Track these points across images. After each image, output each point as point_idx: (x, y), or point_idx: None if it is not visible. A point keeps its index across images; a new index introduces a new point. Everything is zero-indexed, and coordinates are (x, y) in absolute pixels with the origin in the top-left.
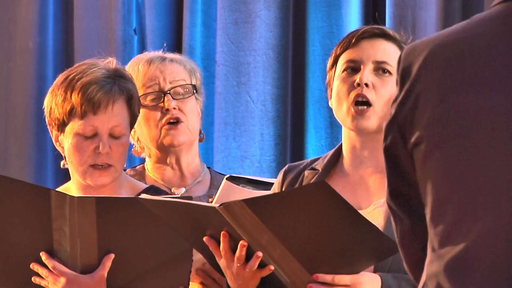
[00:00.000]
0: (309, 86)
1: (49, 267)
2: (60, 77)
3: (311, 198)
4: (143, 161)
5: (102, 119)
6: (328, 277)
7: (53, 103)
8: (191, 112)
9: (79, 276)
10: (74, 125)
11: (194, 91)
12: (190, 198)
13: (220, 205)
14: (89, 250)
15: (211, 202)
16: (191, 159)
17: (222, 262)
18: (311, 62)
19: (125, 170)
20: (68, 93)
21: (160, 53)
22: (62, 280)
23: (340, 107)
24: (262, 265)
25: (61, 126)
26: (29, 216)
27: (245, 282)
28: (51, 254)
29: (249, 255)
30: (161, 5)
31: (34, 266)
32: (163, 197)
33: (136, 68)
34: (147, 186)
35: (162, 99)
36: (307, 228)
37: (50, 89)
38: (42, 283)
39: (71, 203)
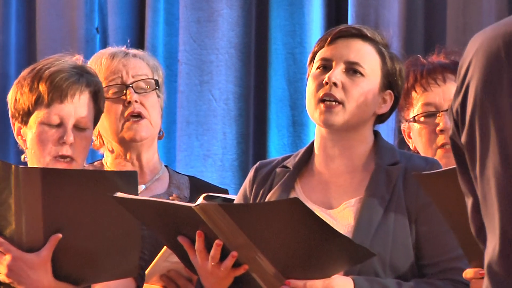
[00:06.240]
0: (272, 85)
1: None
2: (26, 70)
3: (284, 212)
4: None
5: (68, 109)
6: (300, 283)
7: (18, 94)
8: (153, 107)
9: (24, 254)
10: (39, 114)
11: (156, 87)
12: (135, 173)
13: (196, 205)
14: (34, 226)
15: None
16: (151, 155)
17: (196, 261)
18: (274, 61)
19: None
20: (36, 82)
21: (123, 48)
22: (8, 257)
23: (310, 103)
24: (236, 265)
25: (25, 116)
26: None
27: (219, 281)
28: None
29: (223, 254)
30: (123, 4)
31: None
32: (138, 196)
33: (99, 62)
34: None
35: (124, 92)
36: (281, 237)
37: (15, 82)
38: None
39: (16, 174)
